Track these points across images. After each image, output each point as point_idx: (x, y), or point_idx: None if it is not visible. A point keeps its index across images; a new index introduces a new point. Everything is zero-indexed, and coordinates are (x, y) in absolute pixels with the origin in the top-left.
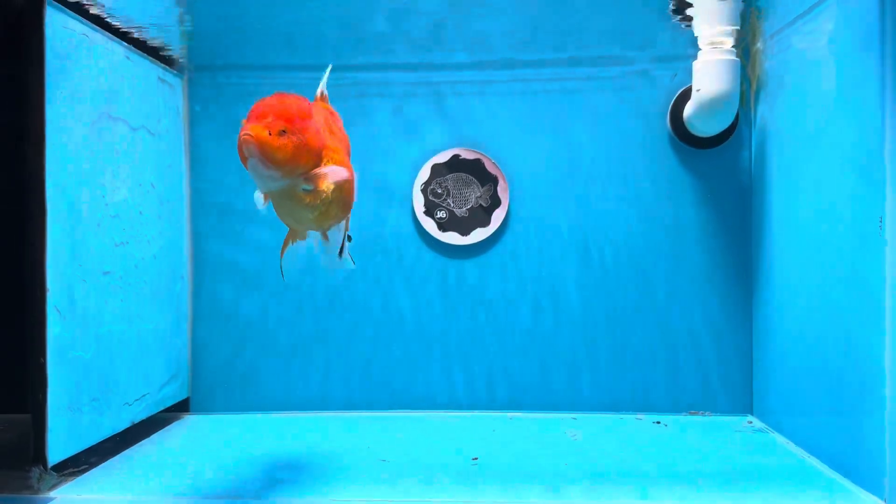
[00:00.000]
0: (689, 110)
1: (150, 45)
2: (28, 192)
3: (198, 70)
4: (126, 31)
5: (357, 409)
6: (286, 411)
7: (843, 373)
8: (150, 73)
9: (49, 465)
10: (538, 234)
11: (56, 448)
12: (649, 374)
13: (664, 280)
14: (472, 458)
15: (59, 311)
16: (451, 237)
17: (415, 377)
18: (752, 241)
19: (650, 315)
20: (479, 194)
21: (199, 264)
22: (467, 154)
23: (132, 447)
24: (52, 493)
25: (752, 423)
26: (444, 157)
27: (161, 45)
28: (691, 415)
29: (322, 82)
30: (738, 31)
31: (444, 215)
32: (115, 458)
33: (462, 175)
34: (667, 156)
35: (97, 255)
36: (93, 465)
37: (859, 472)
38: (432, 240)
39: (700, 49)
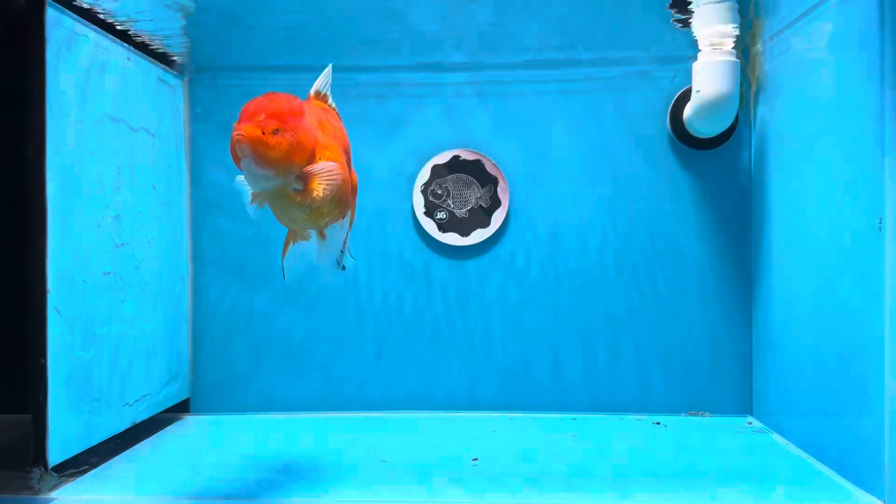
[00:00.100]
0: (688, 111)
1: (151, 46)
2: (28, 192)
3: (198, 71)
4: (127, 32)
5: (357, 410)
6: (286, 412)
7: (842, 373)
8: (151, 73)
9: (49, 466)
10: (538, 235)
11: (56, 449)
12: (649, 375)
13: (664, 281)
14: (471, 459)
15: (60, 311)
16: (451, 238)
17: (415, 378)
18: (751, 242)
19: (650, 315)
20: (479, 195)
21: (199, 265)
22: (467, 155)
23: (132, 448)
24: (53, 494)
25: (751, 423)
26: (444, 157)
27: (161, 46)
28: (691, 415)
29: (318, 81)
30: (738, 32)
31: (444, 216)
32: (115, 458)
33: (462, 176)
34: (666, 157)
35: (97, 255)
36: (93, 466)
37: (859, 473)
38: (432, 240)
39: (700, 50)
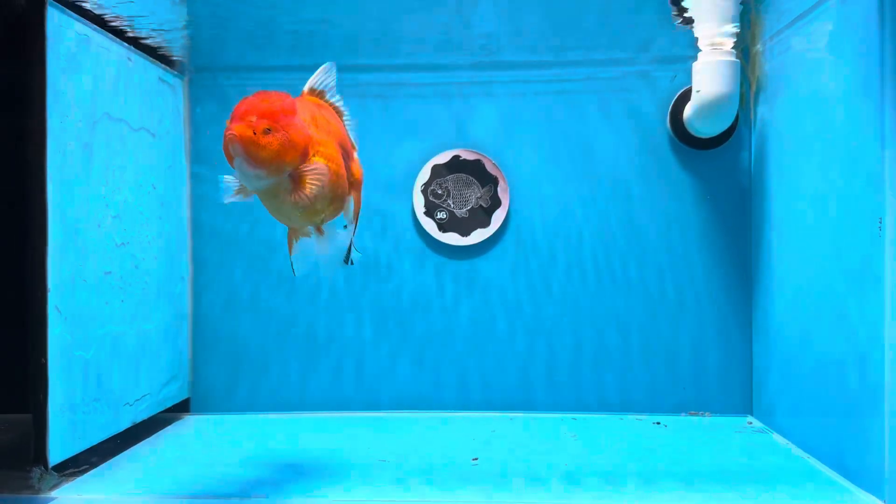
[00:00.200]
0: (688, 111)
1: (151, 46)
2: (29, 192)
3: (198, 71)
4: (127, 32)
5: (356, 410)
6: (286, 411)
7: (843, 373)
8: (151, 73)
9: (50, 466)
10: (538, 235)
11: (57, 448)
12: (649, 375)
13: (664, 281)
14: (472, 459)
15: (60, 311)
16: (452, 238)
17: (415, 378)
18: (751, 242)
19: (650, 315)
20: (479, 195)
21: (199, 264)
22: (468, 155)
23: (133, 447)
24: (53, 494)
25: (751, 423)
26: (444, 157)
27: (162, 46)
28: (691, 415)
29: (313, 77)
30: (738, 32)
31: (445, 216)
32: (115, 458)
33: (462, 176)
34: (666, 157)
35: (98, 255)
36: (93, 466)
37: (859, 473)
38: (432, 240)
39: (700, 50)
